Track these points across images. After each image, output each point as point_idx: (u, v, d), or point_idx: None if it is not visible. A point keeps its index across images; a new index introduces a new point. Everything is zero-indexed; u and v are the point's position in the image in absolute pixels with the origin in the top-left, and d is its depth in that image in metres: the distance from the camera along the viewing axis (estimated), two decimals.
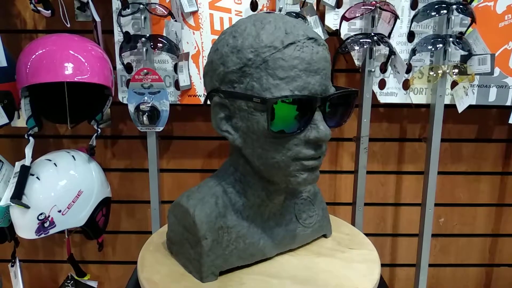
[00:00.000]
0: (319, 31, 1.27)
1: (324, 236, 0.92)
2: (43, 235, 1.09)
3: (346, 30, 1.30)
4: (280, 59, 0.64)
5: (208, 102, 0.75)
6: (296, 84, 0.64)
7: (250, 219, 0.77)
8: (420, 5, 1.26)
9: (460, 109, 1.33)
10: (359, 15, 1.25)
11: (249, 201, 0.76)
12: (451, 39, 1.24)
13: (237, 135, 0.71)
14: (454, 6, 1.21)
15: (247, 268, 0.79)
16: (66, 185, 1.11)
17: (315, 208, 0.87)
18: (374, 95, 1.34)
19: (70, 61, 1.06)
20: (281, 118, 0.64)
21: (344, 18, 1.26)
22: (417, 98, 1.36)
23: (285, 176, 0.69)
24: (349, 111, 0.72)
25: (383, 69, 1.32)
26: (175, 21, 1.25)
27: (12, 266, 1.26)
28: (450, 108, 1.35)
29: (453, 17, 1.24)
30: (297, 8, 1.26)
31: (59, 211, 1.09)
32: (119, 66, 1.29)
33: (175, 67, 1.29)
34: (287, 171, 0.68)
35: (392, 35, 1.27)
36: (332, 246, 0.89)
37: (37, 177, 1.08)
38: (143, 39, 1.23)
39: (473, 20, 1.23)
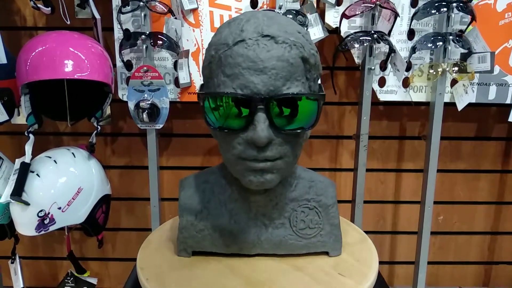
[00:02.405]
0: (319, 28, 1.27)
1: (327, 253, 0.83)
2: (43, 232, 1.09)
3: (346, 28, 1.30)
4: (228, 56, 0.64)
5: None
6: (238, 82, 0.63)
7: (233, 212, 0.78)
8: (420, 3, 1.26)
9: (460, 107, 1.33)
10: (359, 12, 1.25)
11: (233, 194, 0.78)
12: (451, 37, 1.24)
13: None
14: (454, 4, 1.21)
15: (223, 256, 0.81)
16: (66, 182, 1.11)
17: (321, 221, 0.79)
18: (374, 93, 1.34)
19: (70, 58, 1.06)
20: (221, 115, 0.65)
21: (344, 15, 1.26)
22: (417, 96, 1.36)
23: (237, 175, 0.69)
24: (308, 115, 0.66)
25: (383, 67, 1.32)
26: (175, 18, 1.24)
27: (12, 262, 1.26)
28: (450, 106, 1.35)
29: (453, 15, 1.24)
30: (297, 6, 1.25)
31: (59, 208, 1.09)
32: (119, 63, 1.29)
33: (175, 65, 1.29)
34: (236, 169, 0.68)
35: (392, 33, 1.27)
36: (323, 266, 0.80)
37: (37, 174, 1.09)
38: (143, 36, 1.23)
39: (473, 18, 1.23)
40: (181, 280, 0.76)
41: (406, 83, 1.34)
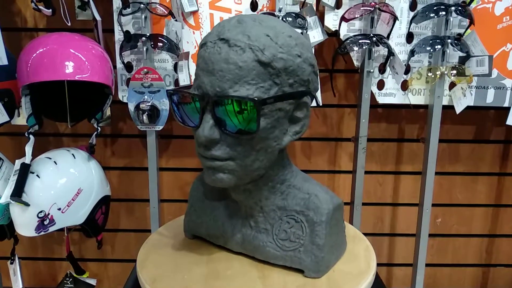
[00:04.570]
0: (318, 31, 1.28)
1: (302, 272, 0.76)
2: (42, 233, 1.10)
3: (345, 31, 1.31)
4: (197, 58, 0.70)
5: None
6: (196, 83, 0.68)
7: (229, 208, 0.81)
8: (419, 7, 1.27)
9: (458, 110, 1.34)
10: (359, 16, 1.26)
11: (228, 191, 0.80)
12: (449, 40, 1.25)
13: None
14: (453, 8, 1.22)
15: (215, 246, 0.85)
16: (66, 183, 1.11)
17: (304, 237, 0.74)
18: (372, 95, 1.35)
19: (71, 60, 1.07)
20: (183, 111, 0.71)
21: (343, 19, 1.26)
22: (416, 99, 1.36)
23: None
24: (248, 120, 0.64)
25: (382, 70, 1.33)
26: (176, 20, 1.25)
27: (11, 263, 1.26)
28: (448, 109, 1.35)
29: (451, 19, 1.24)
30: (296, 9, 1.26)
31: (59, 209, 1.10)
32: (119, 65, 1.29)
33: (175, 67, 1.30)
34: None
35: (391, 36, 1.28)
36: (288, 283, 0.75)
37: (37, 175, 1.09)
38: (144, 38, 1.24)
39: (472, 22, 1.24)
40: (162, 254, 0.85)
41: (404, 86, 1.35)
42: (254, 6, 1.29)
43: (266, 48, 0.64)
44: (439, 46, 1.25)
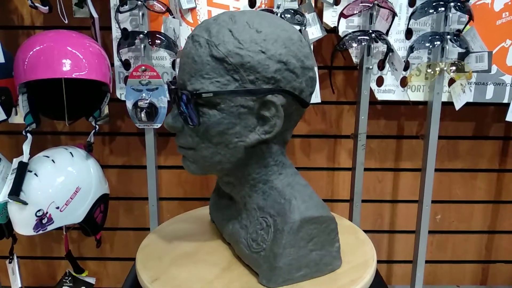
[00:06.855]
0: (317, 28, 1.28)
1: (257, 274, 0.73)
2: (41, 232, 1.09)
3: (344, 27, 1.30)
4: None
5: None
6: None
7: (232, 199, 0.83)
8: (418, 3, 1.26)
9: (458, 106, 1.33)
10: (357, 12, 1.25)
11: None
12: (448, 36, 1.25)
13: None
14: (452, 4, 1.22)
15: (217, 232, 0.89)
16: (64, 182, 1.10)
17: (267, 241, 0.71)
18: (372, 92, 1.34)
19: (68, 58, 1.06)
20: None
21: (342, 15, 1.26)
22: (415, 95, 1.36)
23: None
24: (190, 112, 0.67)
25: (381, 67, 1.32)
26: (173, 17, 1.24)
27: (10, 262, 1.26)
28: (448, 105, 1.35)
29: (450, 15, 1.24)
30: (295, 5, 1.26)
31: (57, 208, 1.09)
32: (117, 62, 1.28)
33: (173, 64, 1.29)
34: None
35: (390, 33, 1.27)
36: (237, 282, 0.73)
37: (35, 174, 1.08)
38: (141, 35, 1.23)
39: (471, 18, 1.23)
40: (168, 231, 0.91)
41: (404, 82, 1.34)
42: (252, 3, 1.29)
43: (222, 44, 0.64)
44: (438, 42, 1.25)
